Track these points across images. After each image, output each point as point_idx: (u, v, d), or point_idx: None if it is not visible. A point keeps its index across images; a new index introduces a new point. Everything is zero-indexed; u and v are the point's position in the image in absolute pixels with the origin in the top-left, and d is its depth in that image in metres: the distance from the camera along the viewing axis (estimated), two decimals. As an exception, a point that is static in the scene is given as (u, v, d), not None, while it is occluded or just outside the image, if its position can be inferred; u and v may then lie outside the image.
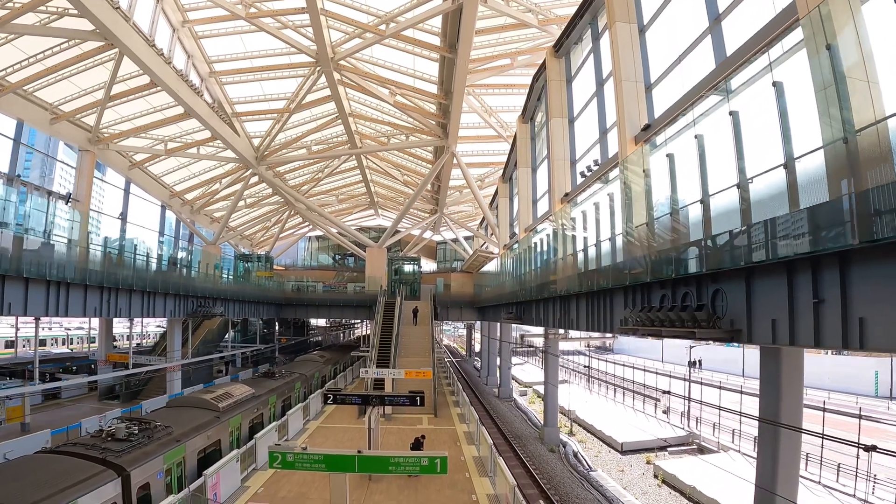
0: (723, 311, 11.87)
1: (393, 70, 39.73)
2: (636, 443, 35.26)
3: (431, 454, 13.84)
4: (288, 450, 13.93)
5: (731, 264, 10.88)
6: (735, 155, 10.84)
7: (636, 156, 16.03)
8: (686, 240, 12.73)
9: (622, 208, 16.56)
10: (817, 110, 8.60)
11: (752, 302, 10.97)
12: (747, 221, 10.33)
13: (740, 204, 10.53)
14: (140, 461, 17.40)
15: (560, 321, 24.64)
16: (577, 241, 21.05)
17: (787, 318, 9.88)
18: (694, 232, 12.37)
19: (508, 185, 50.18)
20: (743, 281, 11.12)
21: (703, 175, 12.07)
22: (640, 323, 14.39)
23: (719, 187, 11.40)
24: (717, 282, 12.15)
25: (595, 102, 25.28)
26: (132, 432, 18.95)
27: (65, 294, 23.55)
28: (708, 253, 11.71)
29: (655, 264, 13.98)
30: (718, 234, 11.33)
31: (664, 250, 13.63)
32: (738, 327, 11.36)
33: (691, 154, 12.57)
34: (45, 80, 33.56)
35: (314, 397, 32.86)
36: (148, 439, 19.01)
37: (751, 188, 10.34)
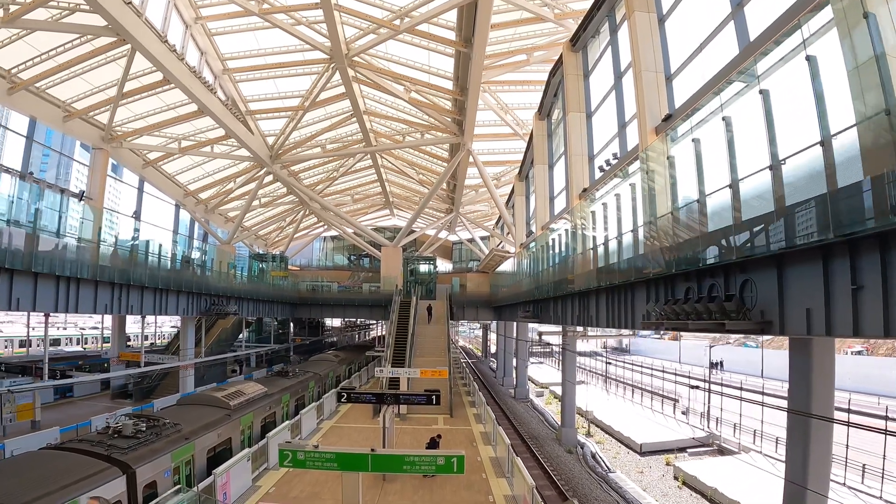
0: (752, 302, 11.27)
1: (408, 66, 39.27)
2: (655, 444, 34.54)
3: (448, 453, 13.32)
4: (299, 448, 13.44)
5: (762, 251, 10.26)
6: (766, 136, 10.23)
7: (659, 144, 15.43)
8: (713, 228, 12.12)
9: (644, 199, 15.97)
10: (851, 86, 8.05)
11: (784, 291, 10.39)
12: (780, 205, 9.71)
13: (773, 186, 9.91)
14: (146, 459, 17.08)
15: (579, 318, 24.05)
16: (596, 235, 20.44)
17: (822, 306, 9.29)
18: (722, 219, 11.76)
19: (525, 184, 49.60)
20: (774, 269, 10.56)
21: (731, 159, 11.47)
22: (664, 316, 13.80)
23: (748, 172, 10.79)
24: (746, 272, 11.56)
25: (613, 96, 24.72)
26: (139, 429, 18.65)
27: (75, 290, 23.28)
28: (737, 240, 11.10)
29: (680, 255, 13.38)
30: (749, 219, 10.70)
31: (690, 240, 13.02)
32: (769, 318, 10.78)
33: (718, 139, 12.00)
34: (58, 76, 33.46)
35: (328, 396, 32.41)
36: (156, 437, 18.70)
37: (783, 170, 9.73)
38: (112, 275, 25.60)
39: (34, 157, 41.24)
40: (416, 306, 45.84)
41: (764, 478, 27.70)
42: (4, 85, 31.92)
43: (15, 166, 35.12)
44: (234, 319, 50.27)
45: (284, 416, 30.85)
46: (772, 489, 25.61)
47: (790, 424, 13.36)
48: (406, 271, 58.85)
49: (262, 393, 29.15)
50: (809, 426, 13.04)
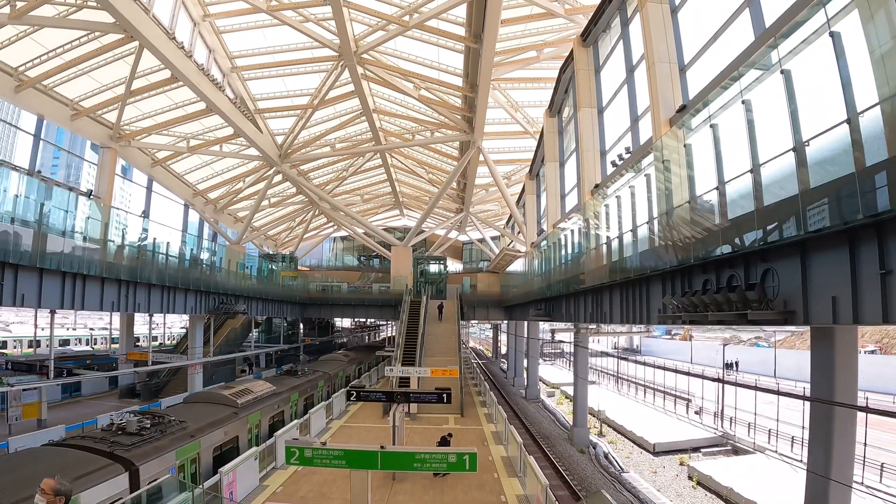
0: (774, 292, 10.81)
1: (417, 63, 38.98)
2: (669, 443, 34.02)
3: (460, 450, 12.90)
4: (306, 445, 13.06)
5: (786, 236, 9.82)
6: (789, 118, 9.80)
7: (675, 133, 14.97)
8: (733, 216, 11.67)
9: (659, 190, 15.53)
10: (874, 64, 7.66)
11: (808, 279, 9.97)
12: (805, 188, 9.26)
13: (797, 170, 9.47)
14: (150, 456, 16.77)
15: (592, 316, 23.60)
16: (610, 229, 19.97)
17: (849, 293, 8.85)
18: (742, 206, 11.30)
19: (535, 182, 49.24)
20: (797, 257, 10.14)
21: (752, 144, 11.03)
22: (681, 309, 13.34)
23: (769, 156, 10.35)
24: (767, 261, 11.12)
25: (625, 91, 24.36)
26: (144, 426, 18.38)
27: (81, 286, 22.98)
28: (760, 227, 10.66)
29: (698, 245, 12.93)
30: (772, 204, 10.24)
31: (709, 228, 12.57)
32: (792, 308, 10.35)
33: (737, 123, 11.56)
34: (66, 74, 33.33)
35: (338, 396, 32.09)
36: (160, 434, 18.39)
37: (807, 152, 9.27)
38: (119, 272, 25.33)
39: (45, 158, 41.21)
40: (427, 306, 45.48)
41: (780, 477, 27.26)
42: (12, 83, 31.78)
43: (26, 165, 35.02)
44: (243, 319, 50.08)
45: (293, 415, 30.49)
46: (788, 489, 25.24)
47: (813, 415, 12.89)
48: (416, 271, 58.44)
49: (271, 391, 28.82)
50: (832, 416, 12.52)
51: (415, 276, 57.71)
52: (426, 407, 31.77)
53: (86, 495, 13.45)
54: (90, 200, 27.36)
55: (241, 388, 26.80)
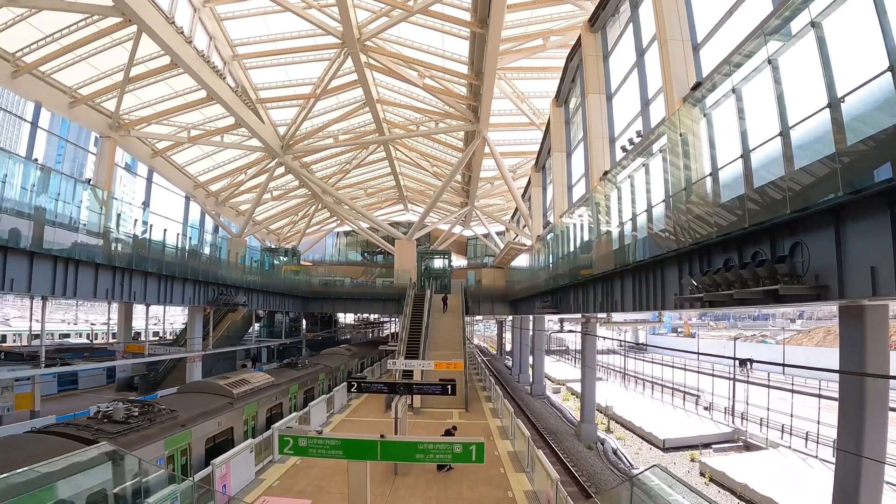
0: (804, 268, 10.06)
1: (421, 50, 38.16)
2: (679, 439, 33.19)
3: (466, 440, 12.06)
4: (300, 434, 12.25)
5: (821, 201, 8.95)
6: (822, 72, 8.98)
7: (692, 107, 14.11)
8: (759, 183, 10.80)
9: (676, 166, 14.67)
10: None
11: (843, 250, 9.21)
12: (841, 147, 8.44)
13: (833, 128, 8.64)
14: (136, 444, 15.88)
15: (602, 305, 22.76)
16: (622, 212, 19.07)
17: (892, 263, 8.07)
18: (771, 172, 10.46)
19: (541, 175, 48.51)
20: (830, 227, 9.39)
21: (779, 106, 10.18)
22: (701, 289, 12.49)
23: (800, 117, 9.54)
24: (796, 234, 10.35)
25: (634, 76, 23.72)
26: (131, 414, 17.66)
27: (73, 272, 22.14)
28: (788, 194, 9.82)
29: (719, 220, 12.07)
30: (803, 168, 9.41)
31: (731, 202, 11.70)
32: (825, 283, 9.59)
33: (761, 86, 10.79)
34: (63, 60, 32.54)
35: (339, 390, 31.37)
36: (149, 423, 17.64)
37: (842, 108, 8.47)
38: (113, 258, 24.48)
39: (50, 150, 40.63)
40: (431, 300, 44.76)
41: (796, 474, 26.47)
42: (8, 68, 31.02)
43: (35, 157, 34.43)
44: (244, 313, 49.35)
45: (292, 407, 29.90)
46: (805, 485, 24.56)
47: (842, 392, 12.00)
48: (420, 265, 57.62)
49: (269, 383, 28.07)
50: (864, 389, 11.62)
51: (419, 270, 56.91)
52: (429, 401, 31.04)
53: (66, 483, 12.53)
54: (88, 187, 26.50)
55: (237, 379, 26.02)
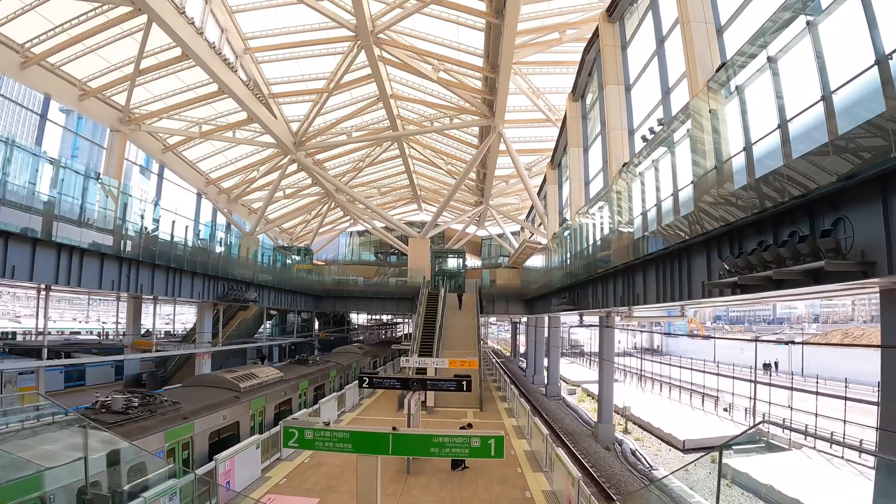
0: (846, 245, 9.23)
1: (435, 43, 37.38)
2: (699, 440, 32.20)
3: (485, 433, 11.20)
4: (307, 426, 11.45)
5: (873, 166, 8.12)
6: (867, 27, 8.22)
7: (721, 79, 13.21)
8: (798, 154, 9.94)
9: (703, 146, 13.79)
10: None
11: (891, 223, 8.41)
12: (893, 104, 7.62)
13: (883, 87, 7.83)
14: (134, 436, 15.16)
15: (623, 299, 21.85)
16: (645, 200, 18.14)
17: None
18: (810, 142, 9.61)
19: (557, 172, 47.85)
20: (878, 199, 8.60)
21: (820, 70, 9.37)
22: (735, 272, 11.60)
23: (840, 81, 8.85)
24: (838, 208, 9.52)
25: (654, 66, 23.26)
26: (130, 405, 17.04)
27: (78, 262, 21.48)
28: (833, 163, 8.96)
29: (753, 197, 11.18)
30: (848, 133, 8.56)
31: (766, 176, 10.78)
32: (872, 259, 8.78)
33: (800, 52, 10.04)
34: (73, 52, 32.09)
35: (350, 388, 30.65)
36: (149, 414, 17.07)
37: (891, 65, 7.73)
38: (119, 249, 23.84)
39: (64, 147, 40.30)
40: (445, 299, 44.02)
41: (821, 475, 25.50)
42: (17, 59, 30.58)
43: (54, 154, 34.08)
44: (255, 311, 48.78)
45: (302, 404, 29.33)
46: (831, 486, 23.74)
47: (884, 366, 11.13)
48: (434, 264, 56.82)
49: (278, 378, 27.51)
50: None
51: (433, 269, 56.13)
52: (443, 400, 30.45)
53: (52, 473, 11.57)
54: (92, 174, 25.82)
55: (244, 373, 25.58)
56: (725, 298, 14.28)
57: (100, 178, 24.49)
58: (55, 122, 34.94)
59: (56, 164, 21.05)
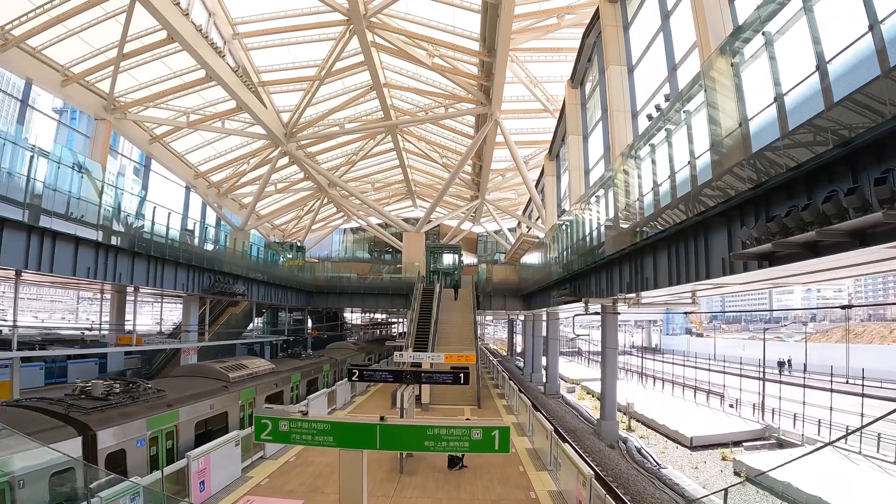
0: (895, 201, 7.91)
1: (430, 27, 36.08)
2: (708, 437, 30.90)
3: (487, 424, 9.84)
4: (281, 416, 10.03)
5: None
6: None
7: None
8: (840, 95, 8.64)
9: (723, 100, 12.45)
10: None
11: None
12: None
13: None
14: (113, 422, 14.57)
15: (630, 285, 20.53)
16: (657, 173, 16.73)
17: None
18: (856, 78, 8.31)
19: (555, 163, 46.72)
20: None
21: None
22: (764, 239, 10.29)
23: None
24: (883, 160, 8.31)
25: (658, 45, 22.61)
26: (111, 391, 16.32)
27: (50, 246, 20.03)
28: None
29: (786, 156, 9.85)
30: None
31: (803, 126, 9.45)
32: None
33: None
34: (54, 35, 30.68)
35: (342, 384, 29.33)
36: (130, 400, 16.28)
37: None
38: (96, 233, 22.40)
39: (59, 140, 39.14)
40: (440, 294, 42.79)
41: (840, 470, 24.24)
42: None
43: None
44: (244, 306, 47.38)
45: (294, 398, 28.44)
46: (851, 482, 22.54)
47: None
48: (429, 260, 55.48)
49: (269, 370, 26.69)
50: None
51: (427, 264, 54.80)
52: (439, 396, 29.30)
53: (25, 456, 11.20)
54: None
55: (234, 363, 24.76)
56: (749, 275, 12.94)
57: (80, 167, 23.03)
58: (48, 113, 33.64)
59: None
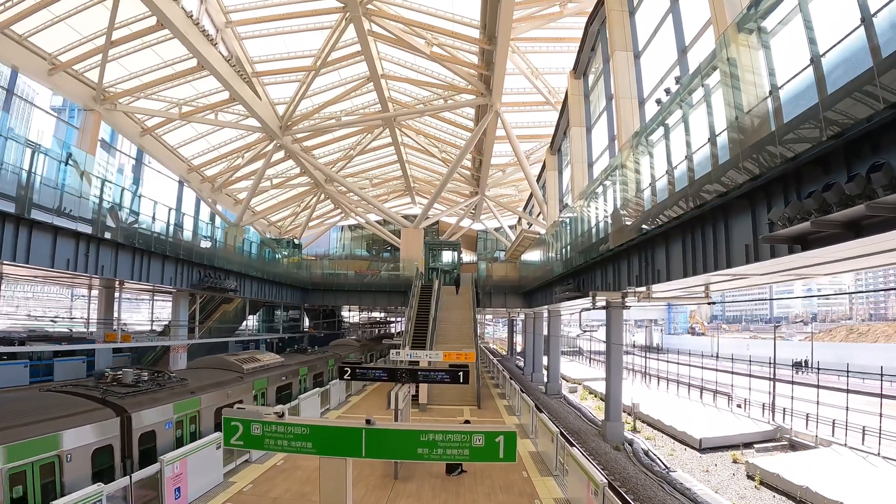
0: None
1: (429, 14, 34.92)
2: (717, 438, 29.81)
3: (491, 429, 8.63)
4: (253, 417, 8.83)
5: None
6: None
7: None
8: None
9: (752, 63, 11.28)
10: None
11: None
12: None
13: None
14: (144, 406, 16.31)
15: (640, 278, 19.32)
16: (671, 156, 15.52)
17: None
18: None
19: (557, 157, 45.67)
20: None
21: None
22: (797, 218, 9.14)
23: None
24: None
25: (667, 28, 21.59)
26: (140, 379, 18.24)
27: (25, 235, 18.75)
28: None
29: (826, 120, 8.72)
30: None
31: (847, 85, 8.31)
32: None
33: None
34: (41, 19, 29.50)
35: (335, 384, 28.36)
36: (158, 387, 18.13)
37: None
38: (75, 221, 21.09)
39: (58, 135, 38.23)
40: (439, 291, 41.74)
41: (860, 472, 23.25)
42: (-23, 27, 28.10)
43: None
44: (238, 303, 46.20)
45: (302, 390, 29.75)
46: (874, 484, 21.55)
47: None
48: (428, 256, 54.36)
49: (279, 363, 28.88)
50: None
51: (426, 261, 53.71)
52: (437, 397, 28.40)
53: (74, 434, 13.22)
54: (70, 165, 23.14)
55: (247, 356, 27.24)
56: (774, 263, 11.79)
57: (70, 156, 21.86)
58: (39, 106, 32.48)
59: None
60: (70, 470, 12.80)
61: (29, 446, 11.80)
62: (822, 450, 27.22)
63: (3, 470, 11.18)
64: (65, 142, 33.70)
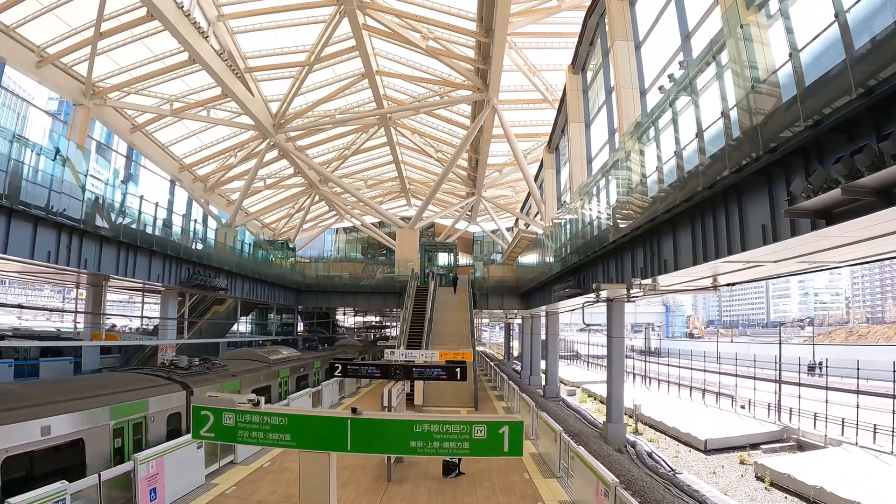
0: None
1: (424, 6, 34.22)
2: (723, 440, 29.15)
3: (493, 419, 7.74)
4: (225, 406, 7.94)
5: None
6: None
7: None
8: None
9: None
10: None
11: None
12: None
13: None
14: (201, 384, 19.24)
15: (645, 270, 18.53)
16: (679, 135, 14.74)
17: None
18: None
19: (555, 156, 45.00)
20: None
21: None
22: (823, 186, 8.37)
23: None
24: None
25: (669, 15, 21.17)
26: (193, 364, 21.59)
27: (3, 224, 17.98)
28: None
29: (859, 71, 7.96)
30: None
31: None
32: None
33: None
34: (28, 10, 28.57)
35: (328, 384, 27.54)
36: (207, 370, 21.47)
37: None
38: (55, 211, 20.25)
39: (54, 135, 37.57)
40: (435, 293, 41.04)
41: (876, 473, 22.52)
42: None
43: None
44: (229, 304, 45.34)
45: (317, 381, 32.41)
46: (892, 483, 20.86)
47: None
48: (423, 258, 53.59)
49: (297, 356, 32.43)
50: None
51: (422, 262, 52.93)
52: (433, 395, 27.68)
53: (156, 401, 16.32)
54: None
55: (271, 349, 30.99)
56: (792, 244, 11.01)
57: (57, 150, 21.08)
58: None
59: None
60: (153, 429, 15.90)
61: (127, 408, 14.87)
62: (833, 449, 26.58)
63: (110, 425, 13.99)
64: (50, 130, 32.95)
